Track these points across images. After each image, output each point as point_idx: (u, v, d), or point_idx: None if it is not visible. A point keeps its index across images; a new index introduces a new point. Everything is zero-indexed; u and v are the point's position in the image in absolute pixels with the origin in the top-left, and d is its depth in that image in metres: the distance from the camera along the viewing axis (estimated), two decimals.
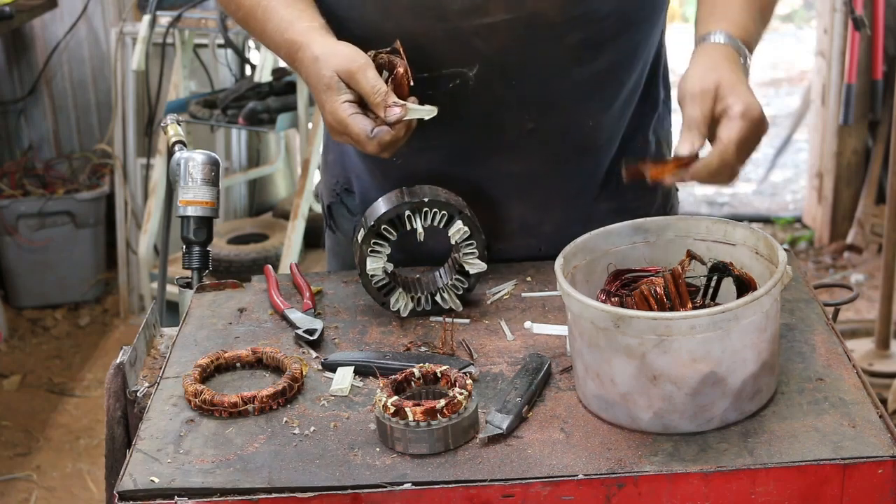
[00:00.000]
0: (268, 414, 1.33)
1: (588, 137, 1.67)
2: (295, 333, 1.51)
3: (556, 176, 1.68)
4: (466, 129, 1.62)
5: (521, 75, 1.57)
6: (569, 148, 1.66)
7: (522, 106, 1.60)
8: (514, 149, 1.63)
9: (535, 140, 1.63)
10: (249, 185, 4.76)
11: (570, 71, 1.58)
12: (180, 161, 1.68)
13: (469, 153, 1.64)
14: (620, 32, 1.59)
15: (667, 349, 1.20)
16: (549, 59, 1.56)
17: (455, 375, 1.29)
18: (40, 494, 3.32)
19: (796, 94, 6.80)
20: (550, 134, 1.63)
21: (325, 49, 1.48)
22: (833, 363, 1.35)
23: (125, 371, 1.42)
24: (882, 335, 3.65)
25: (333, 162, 1.82)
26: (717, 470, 1.17)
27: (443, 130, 1.57)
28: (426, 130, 1.51)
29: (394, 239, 1.52)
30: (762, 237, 1.37)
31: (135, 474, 1.22)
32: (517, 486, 1.17)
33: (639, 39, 1.65)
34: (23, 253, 4.34)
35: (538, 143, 1.63)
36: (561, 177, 1.68)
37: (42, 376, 4.00)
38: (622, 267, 1.38)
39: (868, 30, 3.92)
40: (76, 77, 4.56)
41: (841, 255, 4.77)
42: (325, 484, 1.19)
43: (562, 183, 1.69)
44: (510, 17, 1.51)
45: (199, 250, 1.68)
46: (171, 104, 3.93)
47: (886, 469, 1.17)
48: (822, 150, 4.83)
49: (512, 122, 1.61)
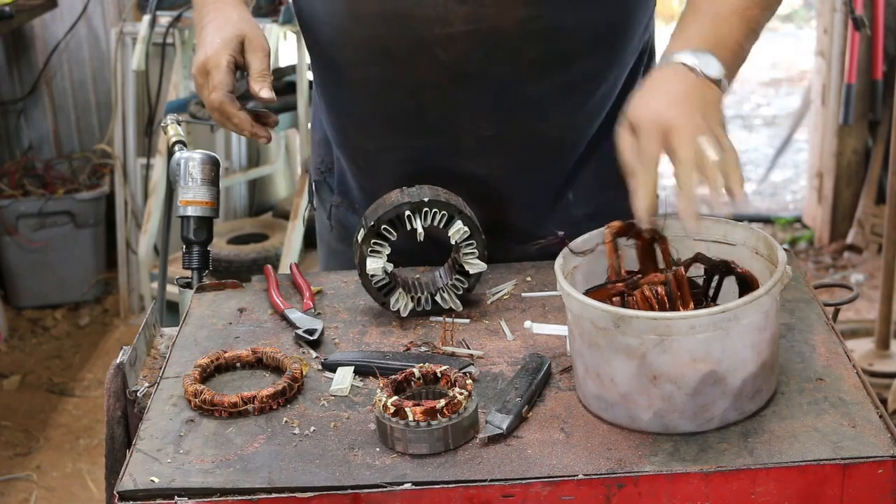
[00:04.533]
0: (268, 414, 1.33)
1: (551, 145, 1.68)
2: (295, 333, 1.51)
3: (517, 180, 1.69)
4: (424, 132, 1.64)
5: (480, 85, 1.59)
6: (530, 155, 1.67)
7: (480, 114, 1.62)
8: (472, 154, 1.65)
9: (494, 146, 1.64)
10: (249, 185, 4.76)
11: (531, 83, 1.60)
12: (180, 161, 1.68)
13: (427, 156, 1.66)
14: (590, 49, 1.59)
15: (667, 349, 1.20)
16: (508, 72, 1.58)
17: (455, 375, 1.29)
18: (40, 494, 3.32)
19: (796, 94, 6.80)
20: (510, 141, 1.64)
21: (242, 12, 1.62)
22: (833, 363, 1.35)
23: (125, 371, 1.42)
24: (882, 335, 3.65)
25: (320, 142, 1.86)
26: (717, 470, 1.17)
27: (401, 132, 1.64)
28: (384, 130, 1.58)
29: (394, 239, 1.52)
30: (762, 237, 1.37)
31: (135, 474, 1.22)
32: (517, 486, 1.17)
33: (613, 54, 1.64)
34: (23, 253, 4.34)
35: (497, 150, 1.64)
36: (522, 181, 1.69)
37: (42, 376, 4.00)
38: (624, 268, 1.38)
39: (868, 30, 3.92)
40: (76, 77, 4.56)
41: (841, 255, 4.77)
42: (325, 484, 1.19)
43: (524, 187, 1.70)
44: (470, 29, 1.54)
45: (199, 250, 1.68)
46: (171, 104, 3.93)
47: (886, 469, 1.17)
48: (822, 150, 4.83)
49: (469, 128, 1.63)
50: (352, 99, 1.69)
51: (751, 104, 7.01)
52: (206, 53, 1.56)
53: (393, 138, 1.67)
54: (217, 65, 1.55)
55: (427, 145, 1.65)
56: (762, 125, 6.65)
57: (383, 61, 1.60)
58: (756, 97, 7.12)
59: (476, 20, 1.53)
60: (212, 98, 1.55)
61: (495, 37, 1.55)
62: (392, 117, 1.65)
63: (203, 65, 1.56)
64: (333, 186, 1.84)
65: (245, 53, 1.58)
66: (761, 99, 7.09)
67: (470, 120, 1.62)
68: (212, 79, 1.55)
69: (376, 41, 1.59)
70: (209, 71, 1.56)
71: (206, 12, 1.62)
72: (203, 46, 1.57)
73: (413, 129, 1.65)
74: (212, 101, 1.56)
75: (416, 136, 1.65)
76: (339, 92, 1.71)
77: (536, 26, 1.54)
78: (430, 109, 1.62)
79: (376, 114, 1.66)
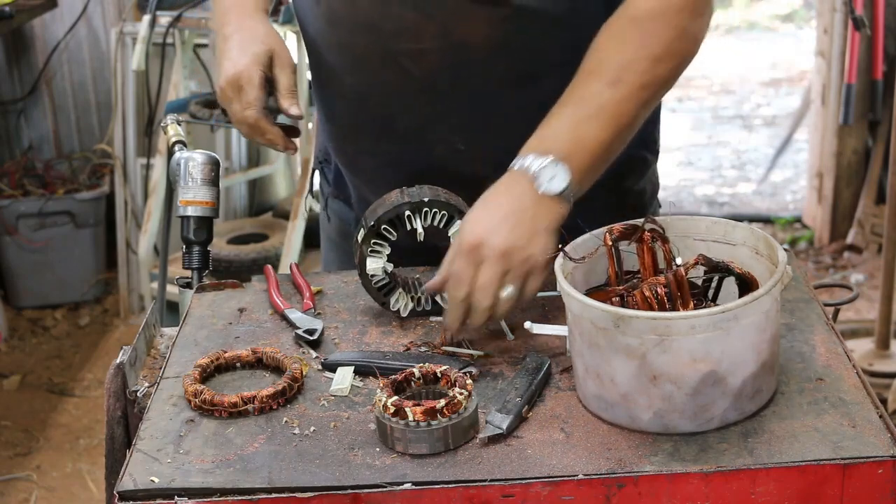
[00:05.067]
0: (268, 414, 1.33)
1: None
2: (295, 333, 1.51)
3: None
4: (398, 141, 1.66)
5: (450, 99, 1.59)
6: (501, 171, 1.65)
7: (451, 128, 1.62)
8: (444, 166, 1.64)
9: (466, 160, 1.63)
10: (249, 185, 4.76)
11: (502, 98, 1.59)
12: (180, 161, 1.68)
13: (402, 164, 1.66)
14: (558, 67, 1.53)
15: (667, 349, 1.20)
16: (478, 87, 1.58)
17: (455, 375, 1.29)
18: (40, 494, 3.32)
19: (796, 94, 6.80)
20: (482, 156, 1.60)
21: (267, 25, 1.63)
22: (833, 363, 1.35)
23: (125, 371, 1.42)
24: (882, 335, 3.65)
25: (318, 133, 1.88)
26: (717, 470, 1.17)
27: (376, 139, 1.66)
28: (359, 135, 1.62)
29: (394, 239, 1.52)
30: (762, 237, 1.37)
31: (135, 474, 1.22)
32: (517, 486, 1.17)
33: None
34: (23, 253, 4.34)
35: (469, 163, 1.63)
36: None
37: (42, 376, 4.00)
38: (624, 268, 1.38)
39: (868, 30, 3.92)
40: (76, 77, 4.56)
41: (841, 255, 4.77)
42: (325, 484, 1.19)
43: None
44: (439, 45, 1.54)
45: (199, 250, 1.68)
46: (171, 104, 3.93)
47: (886, 469, 1.17)
48: (822, 150, 4.83)
49: (441, 141, 1.63)
50: (332, 102, 1.72)
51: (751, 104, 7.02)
52: (236, 68, 1.56)
53: (369, 143, 1.68)
54: (250, 80, 1.55)
55: (401, 156, 1.66)
56: (762, 125, 6.65)
57: (357, 69, 1.61)
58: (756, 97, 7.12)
59: (445, 35, 1.53)
60: (246, 114, 1.56)
61: (464, 53, 1.55)
62: (366, 124, 1.67)
63: (235, 79, 1.56)
64: (330, 179, 1.86)
65: (273, 69, 1.58)
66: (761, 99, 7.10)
67: (442, 133, 1.62)
68: (245, 95, 1.55)
69: (349, 49, 1.61)
70: (242, 86, 1.55)
71: (229, 20, 1.62)
72: (231, 59, 1.57)
73: (387, 137, 1.66)
74: (246, 117, 1.56)
75: (390, 143, 1.66)
76: (324, 93, 1.73)
77: (504, 44, 1.54)
78: (402, 120, 1.63)
79: (353, 119, 1.68)
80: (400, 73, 1.58)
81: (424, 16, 1.52)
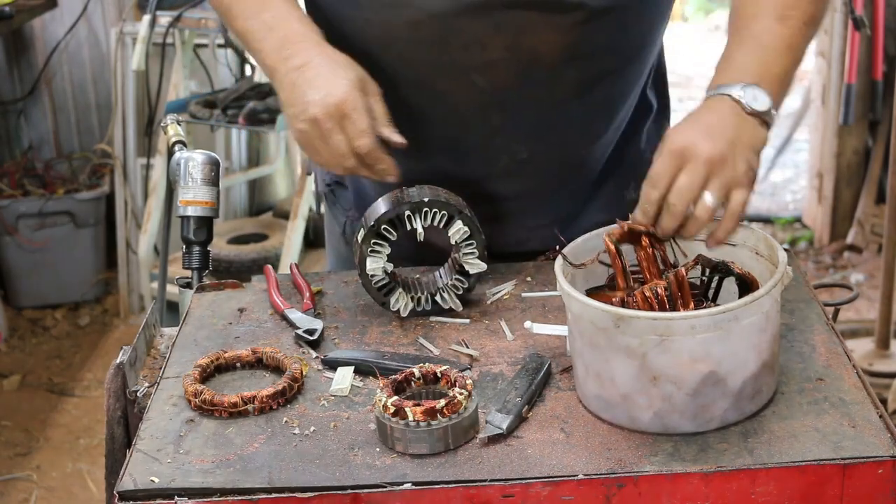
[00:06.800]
0: (268, 414, 1.33)
1: (580, 162, 1.69)
2: (295, 333, 1.51)
3: (546, 197, 1.70)
4: (460, 155, 1.63)
5: (517, 109, 1.58)
6: (560, 172, 1.68)
7: (517, 137, 1.61)
8: (505, 175, 1.65)
9: (528, 168, 1.64)
10: (249, 185, 4.76)
11: (566, 105, 1.59)
12: (180, 161, 1.68)
13: (461, 177, 1.63)
14: (619, 67, 1.60)
15: (667, 349, 1.20)
16: (545, 95, 1.58)
17: (455, 375, 1.29)
18: (40, 494, 3.32)
19: (796, 94, 6.79)
20: (542, 162, 1.64)
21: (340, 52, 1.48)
22: (833, 363, 1.35)
23: (125, 371, 1.42)
24: (882, 335, 3.65)
25: None
26: (717, 470, 1.17)
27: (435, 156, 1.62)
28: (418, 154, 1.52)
29: (394, 239, 1.52)
30: (762, 237, 1.37)
31: (135, 474, 1.22)
32: (517, 486, 1.17)
33: (638, 69, 1.65)
34: (23, 253, 4.34)
35: (531, 171, 1.65)
36: (550, 197, 1.70)
37: (42, 376, 4.00)
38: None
39: (868, 30, 3.92)
40: (76, 77, 4.56)
41: (841, 255, 4.77)
42: (325, 484, 1.19)
43: (551, 203, 1.71)
44: (508, 55, 1.52)
45: (199, 250, 1.68)
46: (171, 104, 3.93)
47: (886, 469, 1.17)
48: (822, 150, 4.83)
49: (506, 151, 1.63)
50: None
51: None
52: (334, 96, 1.42)
53: (427, 162, 1.61)
54: (356, 108, 1.42)
55: (461, 169, 1.63)
56: None
57: (418, 86, 1.56)
58: None
59: (515, 46, 1.51)
60: (359, 144, 1.44)
61: (534, 62, 1.53)
62: (427, 141, 1.60)
63: (338, 108, 1.42)
64: (348, 202, 1.81)
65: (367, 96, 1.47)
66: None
67: (505, 143, 1.61)
68: (354, 124, 1.43)
69: (411, 67, 1.54)
70: (347, 114, 1.43)
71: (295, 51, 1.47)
72: (319, 88, 1.43)
73: (448, 153, 1.63)
74: (359, 147, 1.44)
75: (450, 161, 1.64)
76: None
77: (574, 50, 1.53)
78: (466, 133, 1.60)
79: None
80: (466, 86, 1.55)
81: (493, 27, 1.49)
